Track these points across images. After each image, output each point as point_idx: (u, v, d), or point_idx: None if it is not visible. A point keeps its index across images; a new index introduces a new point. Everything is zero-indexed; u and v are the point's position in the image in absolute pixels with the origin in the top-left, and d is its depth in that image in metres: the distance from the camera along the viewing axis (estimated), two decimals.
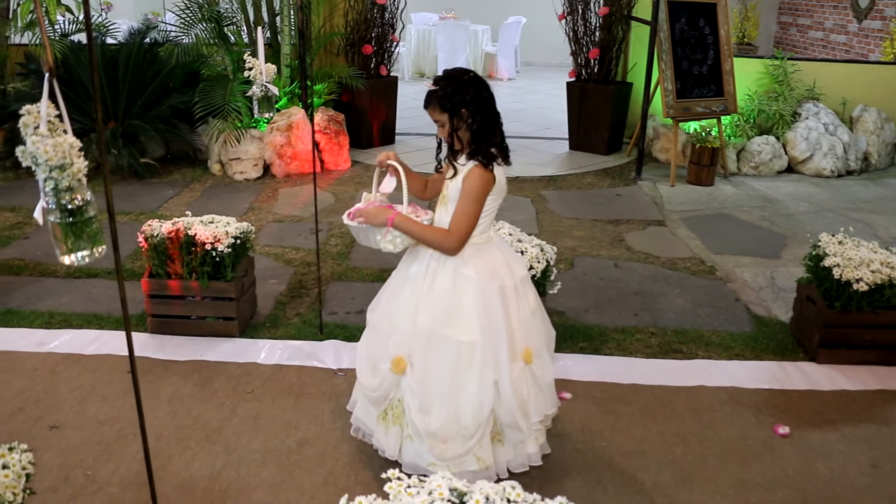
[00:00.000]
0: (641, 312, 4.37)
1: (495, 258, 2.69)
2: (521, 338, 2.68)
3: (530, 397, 2.70)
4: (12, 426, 3.24)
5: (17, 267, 5.00)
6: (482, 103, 2.56)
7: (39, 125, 1.57)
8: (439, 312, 2.62)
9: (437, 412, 2.63)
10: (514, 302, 2.68)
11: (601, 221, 5.94)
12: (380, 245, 2.71)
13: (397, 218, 2.63)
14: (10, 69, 8.09)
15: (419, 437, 2.67)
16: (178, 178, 7.14)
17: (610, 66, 7.89)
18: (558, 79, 11.76)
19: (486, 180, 2.57)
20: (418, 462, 2.71)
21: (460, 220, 2.58)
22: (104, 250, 1.74)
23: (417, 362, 2.65)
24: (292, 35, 7.56)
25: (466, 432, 2.62)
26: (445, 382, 2.62)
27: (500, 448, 2.74)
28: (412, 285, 2.70)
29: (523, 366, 2.69)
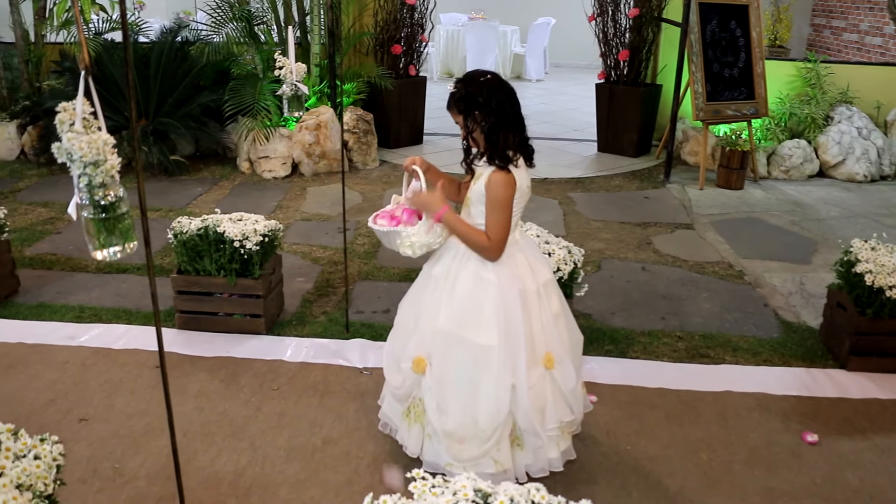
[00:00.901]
0: (668, 316, 4.34)
1: (518, 262, 2.68)
2: (542, 343, 2.67)
3: (549, 403, 2.69)
4: (43, 417, 3.29)
5: (49, 261, 5.07)
6: (496, 105, 2.55)
7: (75, 122, 1.59)
8: (459, 315, 2.63)
9: (453, 413, 2.64)
10: (536, 306, 2.67)
11: (629, 224, 5.90)
12: (399, 250, 2.73)
13: (446, 213, 2.64)
14: (46, 67, 8.22)
15: (437, 436, 2.69)
16: (207, 176, 7.20)
17: (639, 67, 7.85)
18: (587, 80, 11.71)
19: (507, 184, 2.56)
20: (437, 461, 2.73)
21: (495, 228, 2.58)
22: (135, 246, 1.76)
23: (436, 363, 2.67)
24: (322, 34, 7.60)
25: (483, 434, 2.63)
26: (463, 384, 2.63)
27: (519, 452, 2.74)
28: (434, 286, 2.72)
29: (543, 371, 2.67)
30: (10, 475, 2.02)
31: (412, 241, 2.68)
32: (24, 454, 2.13)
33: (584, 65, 14.11)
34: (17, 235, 5.44)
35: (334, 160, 7.17)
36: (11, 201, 6.36)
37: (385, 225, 2.77)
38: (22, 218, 5.95)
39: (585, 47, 10.55)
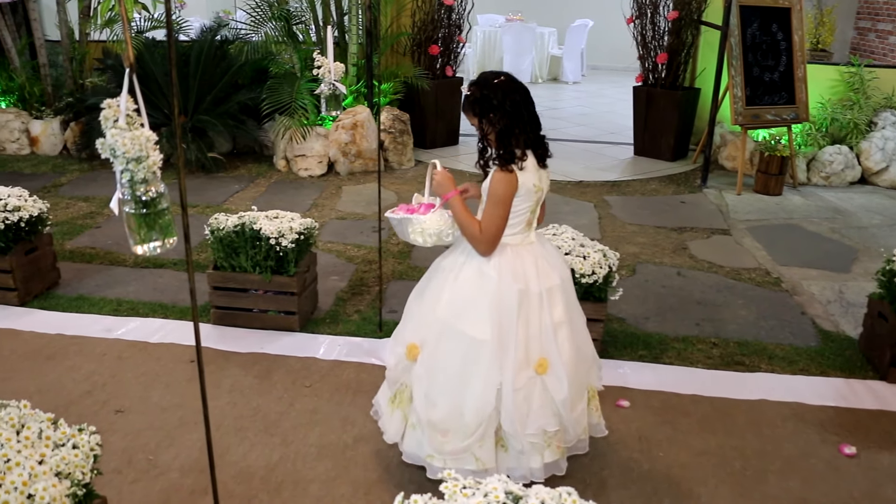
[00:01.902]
0: (703, 322, 4.29)
1: (525, 262, 2.65)
2: (537, 347, 2.63)
3: (533, 408, 2.64)
4: (81, 408, 3.35)
5: (88, 255, 5.16)
6: (510, 107, 2.55)
7: (119, 119, 1.62)
8: (457, 305, 2.64)
9: (441, 403, 2.64)
10: (537, 309, 2.63)
11: (665, 228, 5.85)
12: (410, 238, 2.78)
13: (454, 198, 2.68)
14: (89, 64, 8.36)
15: (421, 426, 2.69)
16: (244, 173, 7.28)
17: (678, 71, 7.77)
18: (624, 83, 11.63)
19: (507, 182, 2.57)
20: (418, 452, 2.74)
21: (487, 223, 2.60)
22: (175, 242, 1.78)
23: (428, 351, 2.68)
24: (360, 34, 7.64)
25: (467, 429, 2.62)
26: (452, 375, 2.63)
27: (503, 454, 2.70)
28: (440, 276, 2.74)
29: (534, 375, 2.63)
30: (50, 463, 2.06)
31: (423, 228, 2.73)
32: (63, 443, 2.17)
33: (621, 67, 14.01)
34: (58, 229, 5.54)
35: (370, 160, 7.20)
36: (53, 195, 6.48)
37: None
38: (63, 212, 6.06)
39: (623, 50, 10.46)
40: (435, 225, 2.74)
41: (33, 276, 4.45)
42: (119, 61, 7.84)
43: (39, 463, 2.05)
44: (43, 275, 4.54)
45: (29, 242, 4.41)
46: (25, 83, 8.18)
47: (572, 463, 3.01)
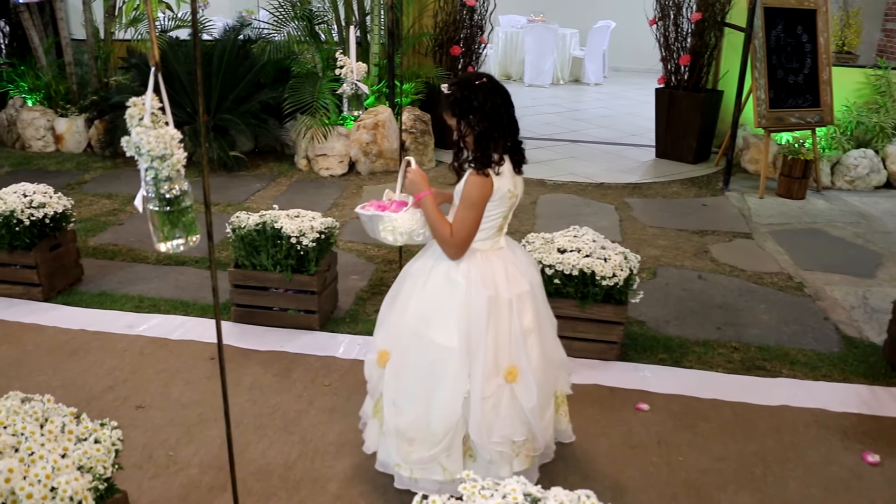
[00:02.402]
0: (724, 326, 4.26)
1: (495, 268, 2.60)
2: (506, 354, 2.58)
3: (501, 416, 2.58)
4: (102, 403, 3.38)
5: (111, 252, 5.21)
6: (491, 109, 2.50)
7: (144, 117, 1.63)
8: (424, 312, 2.60)
9: (407, 410, 2.61)
10: (507, 316, 2.57)
11: (686, 231, 5.82)
12: (380, 235, 2.72)
13: (427, 197, 2.63)
14: (114, 63, 8.45)
15: (389, 433, 2.67)
16: (265, 172, 7.31)
17: (701, 73, 7.72)
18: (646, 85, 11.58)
19: (481, 186, 2.51)
20: (387, 461, 2.72)
21: (458, 226, 2.55)
22: (198, 239, 1.79)
23: (397, 357, 2.65)
24: (382, 34, 7.65)
25: (434, 438, 2.58)
26: (419, 382, 2.60)
27: (471, 463, 2.64)
28: (410, 282, 2.69)
29: (503, 383, 2.58)
30: (73, 457, 2.08)
31: (394, 227, 2.66)
32: (85, 437, 2.20)
33: (643, 69, 13.95)
34: (81, 226, 5.59)
35: (391, 159, 7.21)
36: (78, 192, 6.54)
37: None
38: (87, 209, 6.12)
39: (645, 51, 10.43)
40: (406, 224, 2.67)
41: (57, 272, 4.50)
42: (143, 60, 7.91)
43: (62, 456, 2.07)
44: (66, 271, 4.59)
45: (53, 239, 4.45)
46: (51, 81, 8.28)
47: (591, 465, 3.01)
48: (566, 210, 6.24)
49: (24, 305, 4.36)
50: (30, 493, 1.91)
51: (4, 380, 3.58)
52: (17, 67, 8.46)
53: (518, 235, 5.33)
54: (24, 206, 4.24)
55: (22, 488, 1.91)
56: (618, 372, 3.73)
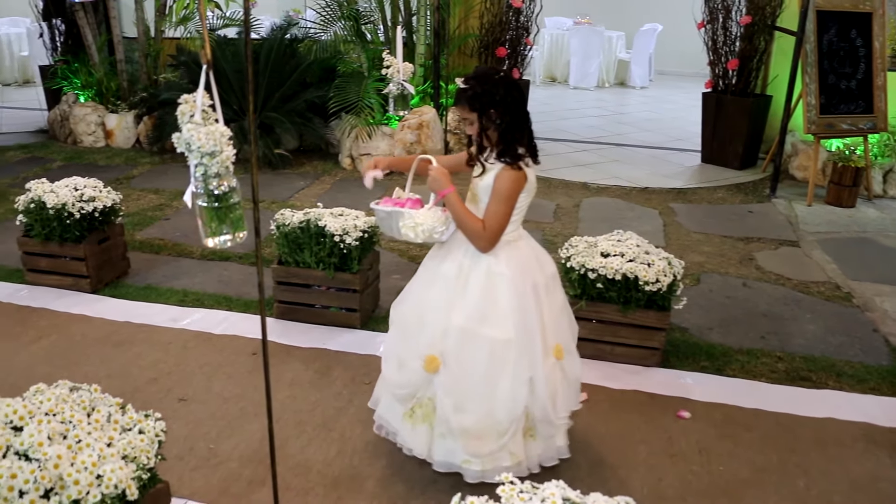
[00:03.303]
0: (769, 335, 4.19)
1: (526, 255, 2.70)
2: (552, 334, 2.70)
3: (559, 392, 2.73)
4: (146, 395, 3.44)
5: (157, 246, 5.30)
6: (511, 104, 2.56)
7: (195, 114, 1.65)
8: (473, 311, 2.61)
9: (471, 410, 2.63)
10: (545, 298, 2.69)
11: (731, 238, 5.73)
12: (401, 232, 2.74)
13: (452, 194, 2.67)
14: (163, 61, 8.59)
15: (452, 435, 2.67)
16: (309, 171, 7.38)
17: (749, 77, 7.60)
18: (693, 89, 11.43)
19: (517, 180, 2.59)
20: (451, 460, 2.73)
21: (492, 220, 2.59)
22: (245, 236, 1.82)
23: (451, 361, 2.64)
24: (427, 35, 7.67)
25: (500, 428, 2.63)
26: (480, 380, 2.62)
27: (531, 443, 2.75)
28: (444, 284, 2.70)
29: (554, 361, 2.71)
30: (118, 446, 2.12)
31: (416, 223, 2.69)
32: (130, 428, 2.24)
33: (690, 73, 13.78)
34: (129, 220, 5.70)
35: None
36: (126, 187, 6.67)
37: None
38: (134, 203, 6.23)
39: (692, 55, 10.30)
40: (428, 221, 2.70)
41: (105, 265, 4.59)
42: (192, 58, 8.03)
43: (108, 445, 2.11)
44: (114, 264, 4.68)
45: (102, 232, 4.54)
46: (103, 78, 8.45)
47: (630, 472, 2.98)
48: (609, 214, 6.19)
49: (73, 296, 4.45)
50: (77, 479, 1.95)
51: (53, 368, 3.66)
52: (72, 65, 8.65)
53: (561, 238, 5.33)
54: (74, 199, 4.33)
55: (69, 474, 1.95)
56: (659, 378, 3.69)
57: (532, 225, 5.77)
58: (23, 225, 4.51)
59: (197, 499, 2.79)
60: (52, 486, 1.95)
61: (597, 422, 3.30)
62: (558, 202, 6.48)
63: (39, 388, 2.29)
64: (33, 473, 1.92)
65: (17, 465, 1.93)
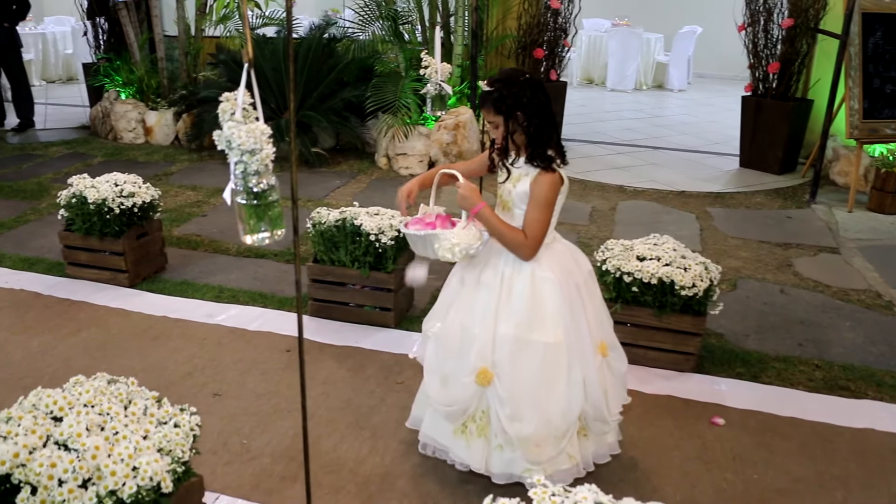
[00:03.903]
0: (806, 343, 4.12)
1: (564, 255, 2.69)
2: (596, 332, 2.70)
3: (609, 389, 2.74)
4: (181, 389, 3.48)
5: (194, 242, 5.36)
6: (538, 106, 2.52)
7: (236, 112, 1.67)
8: (522, 318, 2.58)
9: (528, 418, 2.60)
10: (588, 297, 2.69)
11: (769, 244, 5.65)
12: (437, 254, 2.64)
13: (485, 208, 2.62)
14: (202, 59, 8.70)
15: (510, 445, 2.64)
16: (345, 169, 7.42)
17: (790, 81, 7.49)
18: (732, 92, 11.30)
19: (554, 184, 2.56)
20: (511, 471, 2.71)
21: (534, 227, 2.57)
22: (282, 234, 1.83)
23: (504, 371, 2.59)
24: (465, 36, 7.67)
25: (558, 433, 2.63)
26: (535, 387, 2.59)
27: (585, 442, 2.77)
28: (487, 294, 2.65)
29: (601, 359, 2.71)
30: (154, 439, 2.14)
31: (452, 244, 2.61)
32: (165, 421, 2.26)
33: (729, 76, 13.62)
34: (167, 216, 5.77)
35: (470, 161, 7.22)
36: (164, 183, 6.76)
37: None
38: (172, 199, 6.31)
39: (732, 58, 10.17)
40: (465, 240, 2.61)
41: (143, 260, 4.65)
42: (231, 56, 8.11)
43: (144, 438, 2.14)
44: (152, 259, 4.74)
45: (141, 227, 4.61)
46: (144, 76, 8.58)
47: (662, 478, 2.95)
48: (646, 217, 6.14)
49: (111, 290, 4.52)
50: (113, 470, 1.98)
51: (91, 361, 3.72)
52: (114, 62, 8.80)
53: (597, 241, 5.30)
54: (114, 194, 4.39)
55: (106, 465, 1.98)
56: (693, 384, 3.65)
57: (567, 227, 5.74)
58: (64, 219, 4.60)
59: (229, 493, 2.82)
60: (90, 477, 1.98)
61: (630, 426, 3.27)
62: (594, 205, 6.44)
63: (79, 380, 2.33)
64: (72, 463, 1.96)
65: (57, 454, 1.97)
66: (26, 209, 6.09)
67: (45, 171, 7.23)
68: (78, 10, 9.21)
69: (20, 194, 6.47)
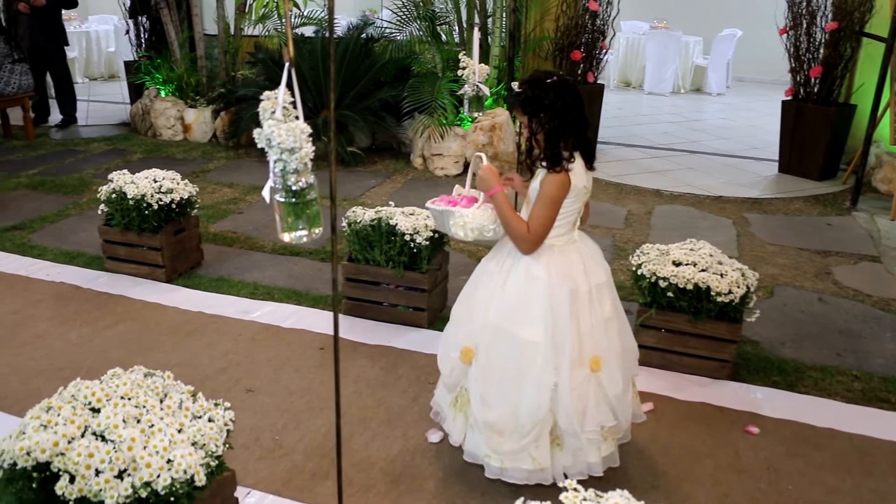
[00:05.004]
0: (845, 353, 4.05)
1: (572, 261, 2.68)
2: (590, 344, 2.66)
3: (591, 405, 2.68)
4: (215, 384, 3.52)
5: (230, 239, 5.41)
6: (561, 108, 2.56)
7: (276, 110, 1.68)
8: (508, 310, 2.66)
9: (495, 405, 2.68)
10: (587, 307, 2.66)
11: (807, 251, 5.57)
12: (451, 231, 2.80)
13: (499, 193, 2.69)
14: (241, 58, 8.79)
15: (478, 427, 2.75)
16: (381, 169, 7.44)
17: (832, 85, 7.36)
18: (772, 97, 11.16)
19: (560, 184, 2.58)
20: (476, 452, 2.81)
21: (537, 223, 2.62)
22: (320, 232, 1.84)
23: (483, 354, 2.71)
24: (503, 37, 7.66)
25: (523, 429, 2.66)
26: (507, 378, 2.66)
27: (558, 452, 2.74)
28: (487, 280, 2.76)
29: (589, 373, 2.67)
30: (188, 432, 2.17)
31: (465, 222, 2.75)
32: (200, 415, 2.29)
33: (769, 80, 13.44)
34: (204, 212, 5.84)
35: (506, 162, 7.20)
36: (202, 180, 6.84)
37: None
38: (209, 196, 6.38)
39: (773, 62, 10.05)
40: (477, 220, 2.75)
41: (180, 256, 4.71)
42: (269, 55, 8.18)
43: (178, 431, 2.16)
44: (188, 255, 4.80)
45: (178, 223, 4.67)
46: (184, 74, 8.69)
47: (694, 486, 2.92)
48: (682, 222, 6.08)
49: (148, 285, 4.59)
50: (148, 462, 2.00)
51: (127, 354, 3.78)
52: (154, 60, 8.92)
53: (632, 245, 5.26)
54: (153, 190, 4.46)
55: (142, 457, 2.01)
56: (728, 392, 3.61)
57: (602, 230, 5.71)
58: (104, 214, 4.67)
59: (261, 488, 2.85)
60: (125, 468, 2.00)
61: (662, 433, 3.25)
62: (630, 208, 6.39)
63: (116, 373, 2.36)
64: (109, 454, 1.99)
65: (94, 444, 2.00)
66: (68, 203, 6.20)
67: (86, 166, 7.36)
68: (121, 8, 9.36)
69: (62, 189, 6.59)
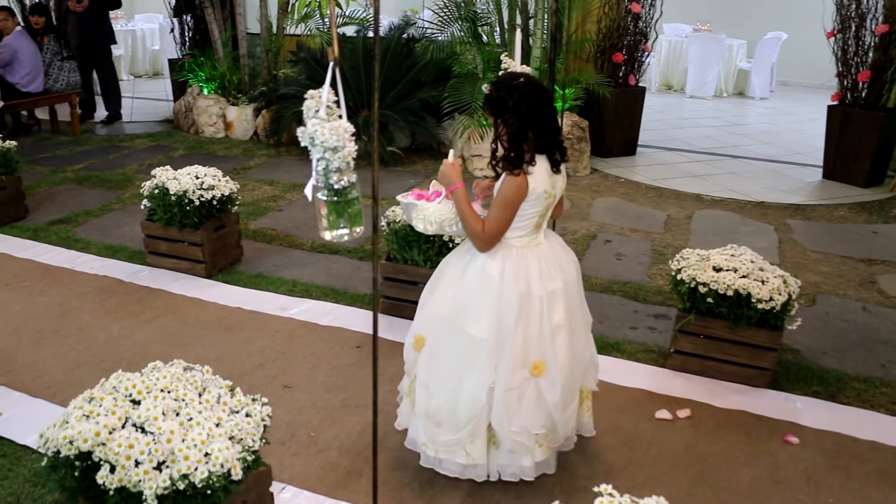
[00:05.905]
0: (890, 364, 3.96)
1: (529, 265, 2.66)
2: (535, 349, 2.65)
3: (522, 408, 2.67)
4: (253, 379, 3.55)
5: (269, 236, 5.46)
6: (525, 110, 2.54)
7: (320, 109, 1.69)
8: (460, 303, 2.68)
9: (437, 394, 2.72)
10: (537, 312, 2.64)
11: (851, 259, 5.46)
12: (414, 223, 2.83)
13: (458, 190, 2.69)
14: (283, 56, 8.87)
15: (419, 414, 2.79)
16: (420, 169, 7.46)
17: (881, 90, 7.21)
18: (817, 101, 10.97)
19: (516, 186, 2.57)
20: (416, 439, 2.86)
21: (491, 223, 2.62)
22: (361, 231, 1.85)
23: (431, 343, 2.75)
24: (544, 38, 7.63)
25: (459, 422, 2.69)
26: (450, 369, 2.70)
27: (494, 451, 2.76)
28: (451, 272, 2.79)
29: (528, 377, 2.66)
30: (226, 427, 2.19)
31: (425, 216, 2.79)
32: (237, 410, 2.31)
33: (814, 84, 13.22)
34: (244, 209, 5.90)
35: None
36: (242, 177, 6.91)
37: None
38: (250, 193, 6.45)
39: (819, 66, 9.89)
40: (437, 214, 2.77)
41: (220, 252, 4.77)
42: (311, 55, 8.24)
43: (216, 425, 2.19)
44: (228, 251, 4.85)
45: (219, 220, 4.72)
46: (226, 72, 8.80)
47: (732, 495, 2.89)
48: (722, 227, 6.01)
49: (188, 280, 4.65)
50: (186, 454, 2.03)
51: (167, 347, 3.83)
52: (198, 58, 9.04)
53: (671, 250, 5.21)
54: (195, 187, 4.51)
55: (180, 450, 2.04)
56: (767, 400, 3.55)
57: (641, 235, 5.66)
58: (146, 209, 4.74)
59: (296, 484, 2.87)
60: (164, 460, 2.03)
61: (699, 440, 3.21)
62: (669, 213, 6.33)
63: (156, 366, 2.40)
64: (148, 445, 2.02)
65: (135, 435, 2.03)
66: (111, 198, 6.31)
67: (129, 162, 7.48)
68: (166, 7, 9.51)
69: (106, 184, 6.71)
